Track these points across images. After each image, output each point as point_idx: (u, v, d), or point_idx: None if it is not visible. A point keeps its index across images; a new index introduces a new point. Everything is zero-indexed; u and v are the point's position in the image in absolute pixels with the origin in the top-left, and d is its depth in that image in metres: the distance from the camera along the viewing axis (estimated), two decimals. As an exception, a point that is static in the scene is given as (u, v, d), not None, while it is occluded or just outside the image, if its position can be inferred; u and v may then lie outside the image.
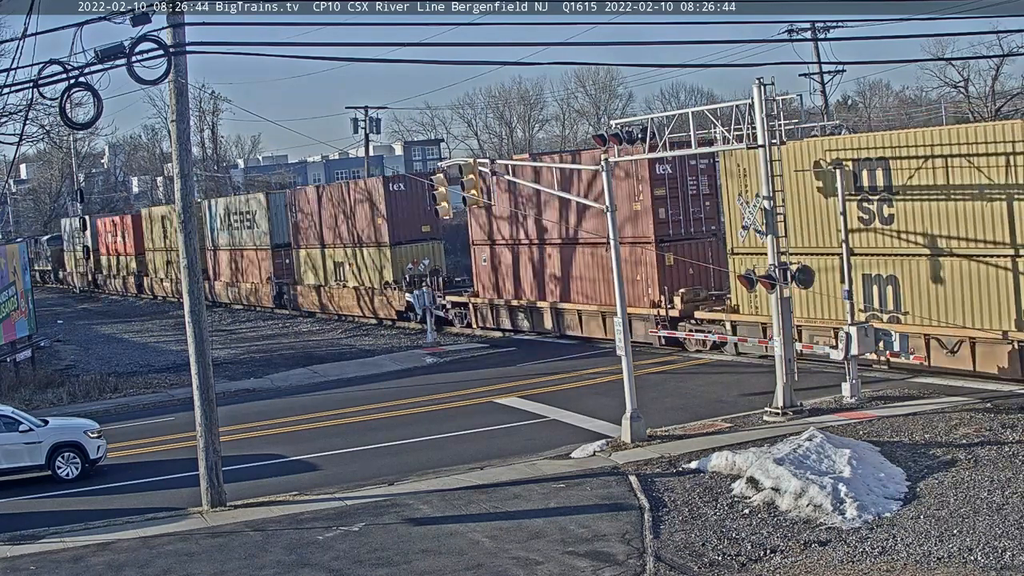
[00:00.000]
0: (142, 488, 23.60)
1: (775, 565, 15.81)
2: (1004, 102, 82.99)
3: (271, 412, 30.90)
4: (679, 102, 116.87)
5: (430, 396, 30.98)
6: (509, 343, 39.86)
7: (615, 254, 24.07)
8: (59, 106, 18.75)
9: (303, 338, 47.43)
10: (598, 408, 26.66)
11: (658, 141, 25.72)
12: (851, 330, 24.70)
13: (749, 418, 24.27)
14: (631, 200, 34.08)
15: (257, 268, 58.56)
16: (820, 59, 58.04)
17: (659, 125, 26.47)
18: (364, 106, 72.30)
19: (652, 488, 19.70)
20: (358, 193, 49.35)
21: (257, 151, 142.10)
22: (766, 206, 24.13)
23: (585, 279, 37.23)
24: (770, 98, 23.93)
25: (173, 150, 21.04)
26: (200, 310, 20.91)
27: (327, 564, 17.15)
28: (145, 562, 17.99)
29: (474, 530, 18.19)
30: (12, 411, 25.15)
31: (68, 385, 37.30)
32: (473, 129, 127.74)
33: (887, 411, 23.48)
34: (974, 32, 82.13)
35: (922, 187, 26.08)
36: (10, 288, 39.55)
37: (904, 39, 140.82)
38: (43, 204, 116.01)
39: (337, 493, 21.17)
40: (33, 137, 51.51)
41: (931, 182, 25.85)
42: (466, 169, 27.57)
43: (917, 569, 15.02)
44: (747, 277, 24.76)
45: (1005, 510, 16.64)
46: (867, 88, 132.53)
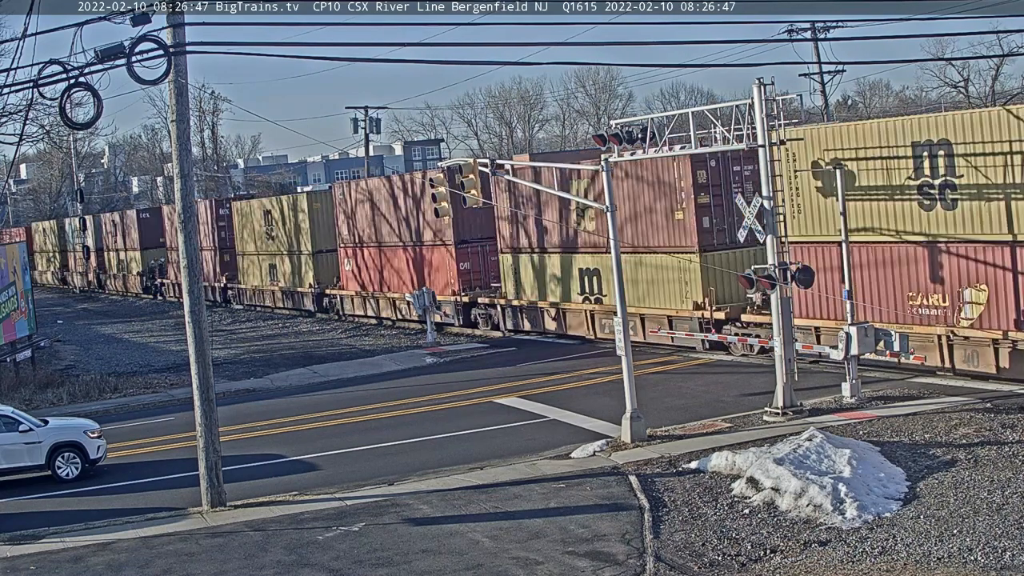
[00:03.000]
0: (142, 488, 23.60)
1: (775, 565, 15.82)
2: (1004, 102, 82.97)
3: (271, 412, 30.90)
4: (679, 102, 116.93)
5: (430, 396, 30.98)
6: (509, 343, 39.85)
7: (615, 254, 24.08)
8: (59, 106, 18.75)
9: (303, 338, 47.45)
10: (598, 408, 26.66)
11: (658, 141, 25.73)
12: (851, 330, 24.70)
13: (749, 418, 24.27)
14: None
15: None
16: (820, 59, 58.04)
17: (659, 125, 26.45)
18: (364, 106, 72.34)
19: (652, 488, 19.70)
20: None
21: (257, 151, 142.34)
22: (766, 206, 24.13)
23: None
24: (770, 98, 23.93)
25: (173, 150, 21.04)
26: (200, 310, 20.90)
27: (327, 564, 17.15)
28: (145, 562, 17.99)
29: (474, 530, 18.19)
30: (12, 411, 25.15)
31: (68, 385, 37.31)
32: (473, 129, 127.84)
33: (887, 411, 23.48)
34: (974, 32, 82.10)
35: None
36: (10, 288, 39.55)
37: (904, 39, 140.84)
38: (43, 204, 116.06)
39: (337, 493, 21.17)
40: (33, 137, 51.64)
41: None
42: (466, 169, 27.59)
43: (917, 569, 15.02)
44: (747, 277, 24.75)
45: (1005, 510, 16.64)
46: (867, 88, 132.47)
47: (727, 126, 24.53)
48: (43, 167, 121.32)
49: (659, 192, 33.38)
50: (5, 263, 39.78)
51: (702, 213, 32.60)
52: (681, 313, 33.02)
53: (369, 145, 75.30)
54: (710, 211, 32.69)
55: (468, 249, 43.14)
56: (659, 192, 33.38)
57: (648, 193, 33.87)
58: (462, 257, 43.08)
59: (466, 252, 43.10)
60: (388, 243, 47.38)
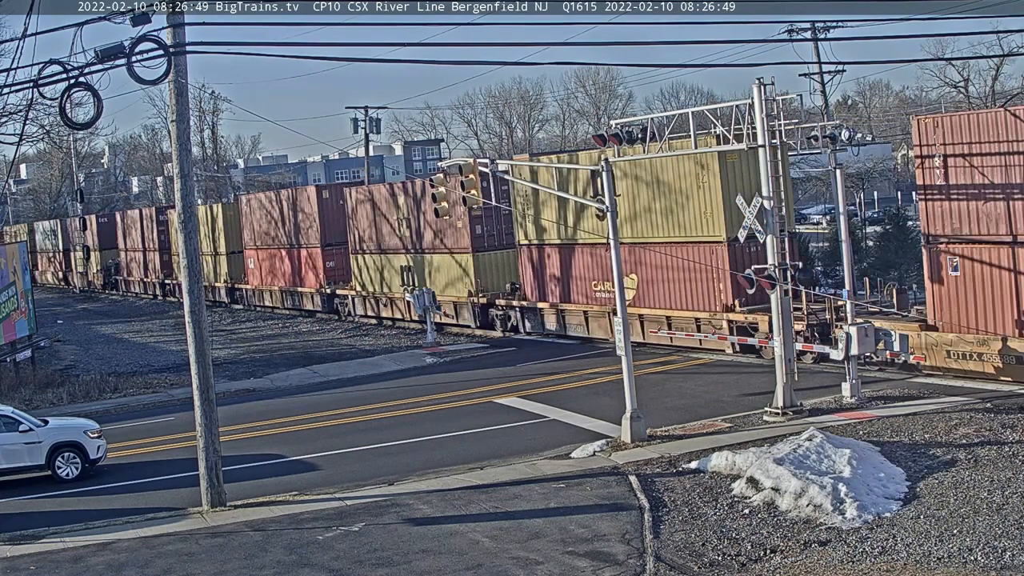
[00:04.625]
0: (142, 488, 23.59)
1: (775, 565, 15.82)
2: (1004, 102, 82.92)
3: (271, 412, 30.90)
4: (679, 102, 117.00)
5: (430, 396, 30.98)
6: (509, 343, 39.86)
7: (615, 255, 24.07)
8: (59, 106, 18.73)
9: (303, 338, 47.44)
10: (598, 408, 26.66)
11: (658, 141, 25.74)
12: (851, 330, 24.71)
13: (749, 418, 24.27)
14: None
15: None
16: (820, 59, 57.96)
17: (659, 125, 26.46)
18: (364, 106, 72.27)
19: (652, 488, 19.70)
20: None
21: (257, 151, 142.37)
22: (766, 206, 24.13)
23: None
24: (770, 98, 23.94)
25: (173, 150, 21.03)
26: (200, 310, 20.90)
27: (327, 564, 17.15)
28: (145, 562, 17.99)
29: (474, 530, 18.19)
30: (12, 411, 25.14)
31: (68, 385, 37.30)
32: (473, 129, 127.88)
33: (887, 411, 23.48)
34: (974, 32, 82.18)
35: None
36: (10, 288, 39.55)
37: (904, 39, 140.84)
38: (43, 204, 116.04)
39: (337, 493, 21.16)
40: (33, 137, 51.59)
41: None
42: (466, 169, 27.59)
43: (917, 569, 15.02)
44: (747, 277, 24.75)
45: (1005, 510, 16.64)
46: (867, 88, 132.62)
47: (727, 126, 24.54)
48: (43, 167, 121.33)
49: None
50: (5, 263, 39.78)
51: (475, 223, 41.61)
52: (460, 299, 43.02)
53: (369, 145, 75.26)
54: (482, 221, 41.69)
55: (333, 251, 52.85)
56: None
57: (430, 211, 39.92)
58: (328, 256, 52.93)
59: (331, 253, 52.87)
60: (275, 245, 57.88)
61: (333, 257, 52.47)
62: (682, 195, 32.68)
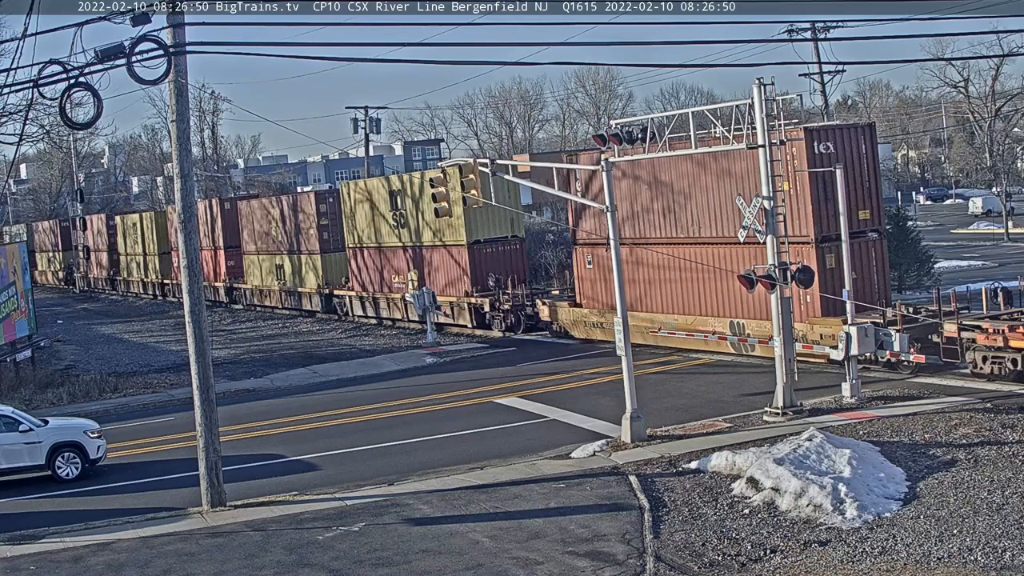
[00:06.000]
0: (142, 488, 23.59)
1: (775, 565, 15.82)
2: (1004, 102, 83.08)
3: (271, 412, 30.90)
4: (679, 102, 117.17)
5: (430, 396, 30.98)
6: (509, 343, 39.86)
7: (615, 255, 24.08)
8: (59, 106, 18.71)
9: (303, 338, 47.44)
10: (598, 408, 26.66)
11: (658, 141, 25.73)
12: (851, 330, 24.71)
13: (749, 418, 24.28)
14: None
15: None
16: (820, 59, 57.95)
17: (659, 125, 26.46)
18: (364, 106, 72.31)
19: (652, 488, 19.71)
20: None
21: (257, 151, 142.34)
22: (766, 206, 24.13)
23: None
24: (770, 98, 23.92)
25: (173, 150, 21.03)
26: (200, 310, 20.90)
27: (327, 564, 17.15)
28: (145, 562, 17.99)
29: (474, 530, 18.20)
30: (12, 411, 25.13)
31: (68, 385, 37.27)
32: (473, 129, 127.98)
33: (887, 411, 23.48)
34: (974, 32, 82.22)
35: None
36: (10, 288, 39.54)
37: (904, 39, 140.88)
38: (43, 204, 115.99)
39: (337, 493, 21.17)
40: (33, 137, 51.58)
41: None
42: (466, 169, 27.60)
43: (917, 569, 15.02)
44: (747, 277, 24.75)
45: (1005, 510, 16.64)
46: (867, 88, 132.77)
47: (727, 126, 24.54)
48: (43, 167, 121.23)
49: (296, 215, 54.80)
50: (5, 263, 39.77)
51: (323, 230, 52.89)
52: (311, 293, 54.18)
53: (369, 145, 75.31)
54: (328, 228, 52.74)
55: (232, 252, 62.92)
56: (296, 215, 54.80)
57: (294, 218, 54.83)
58: (230, 256, 63.23)
59: (232, 254, 63.04)
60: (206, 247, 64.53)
61: (233, 257, 63.40)
62: (444, 222, 42.07)
